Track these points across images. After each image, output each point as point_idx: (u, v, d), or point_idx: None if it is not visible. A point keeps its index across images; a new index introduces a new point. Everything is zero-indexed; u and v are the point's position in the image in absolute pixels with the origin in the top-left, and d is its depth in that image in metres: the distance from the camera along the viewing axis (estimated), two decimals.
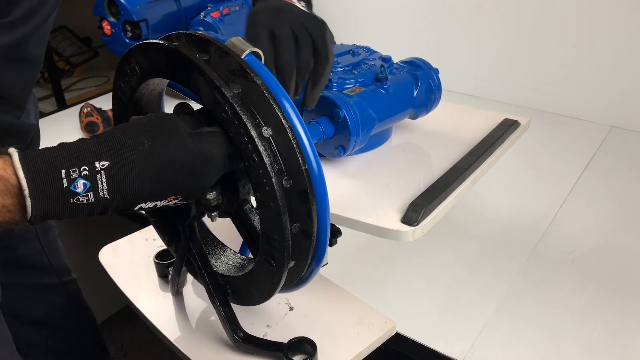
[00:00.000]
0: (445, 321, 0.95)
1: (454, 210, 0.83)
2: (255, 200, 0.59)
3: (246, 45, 0.60)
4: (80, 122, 1.51)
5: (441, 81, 0.97)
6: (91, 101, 1.64)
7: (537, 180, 1.31)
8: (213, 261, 0.73)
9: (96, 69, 2.40)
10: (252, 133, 0.55)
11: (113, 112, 0.69)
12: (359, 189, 0.87)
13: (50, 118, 1.68)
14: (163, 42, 0.59)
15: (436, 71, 0.97)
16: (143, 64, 0.62)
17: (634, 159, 1.36)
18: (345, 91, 0.88)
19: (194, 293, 0.81)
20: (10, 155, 0.49)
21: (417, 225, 0.76)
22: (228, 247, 0.75)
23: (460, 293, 1.01)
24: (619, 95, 1.47)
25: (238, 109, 0.55)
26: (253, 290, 0.67)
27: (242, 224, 0.71)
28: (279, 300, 0.78)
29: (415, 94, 0.94)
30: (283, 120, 0.56)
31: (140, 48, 0.61)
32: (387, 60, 0.97)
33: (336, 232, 0.66)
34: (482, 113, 1.05)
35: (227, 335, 0.71)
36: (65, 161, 0.49)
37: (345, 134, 0.84)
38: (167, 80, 0.64)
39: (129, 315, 0.92)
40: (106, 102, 1.63)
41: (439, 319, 0.96)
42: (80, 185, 0.49)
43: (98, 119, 1.48)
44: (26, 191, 0.48)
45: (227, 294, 0.71)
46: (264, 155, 0.55)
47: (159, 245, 0.85)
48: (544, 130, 1.44)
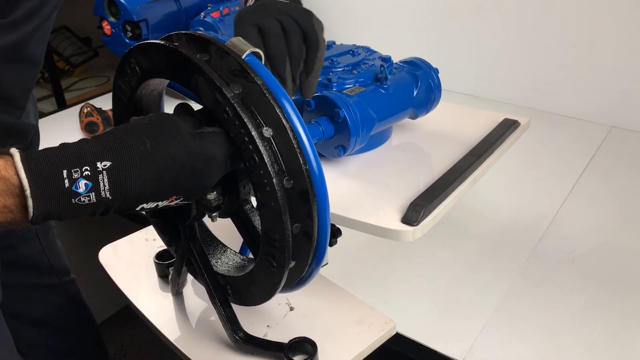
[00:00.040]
0: (445, 321, 0.95)
1: (454, 210, 0.83)
2: (256, 200, 0.59)
3: (247, 46, 0.59)
4: (80, 122, 1.51)
5: (441, 81, 0.97)
6: (91, 101, 1.64)
7: (537, 180, 1.31)
8: (213, 261, 0.73)
9: (96, 69, 2.40)
10: (253, 133, 0.55)
11: (113, 112, 0.69)
12: (359, 189, 0.87)
13: (50, 118, 1.67)
14: (163, 42, 0.59)
15: (436, 71, 0.97)
16: (143, 64, 0.62)
17: (634, 159, 1.36)
18: (345, 91, 0.88)
19: (194, 293, 0.81)
20: (11, 156, 0.49)
21: (417, 225, 0.76)
22: (228, 248, 0.75)
23: (460, 293, 1.01)
24: (619, 95, 1.47)
25: (239, 109, 0.55)
26: (253, 290, 0.67)
27: (243, 224, 0.71)
28: (279, 301, 0.78)
29: (415, 93, 0.94)
30: (284, 120, 0.56)
31: (140, 48, 0.61)
32: (387, 60, 0.97)
33: (336, 232, 0.66)
34: (482, 113, 1.05)
35: (228, 336, 0.71)
36: (66, 161, 0.49)
37: (345, 134, 0.84)
38: (167, 81, 0.64)
39: (129, 315, 0.92)
40: (106, 102, 1.63)
41: (439, 319, 0.96)
42: (82, 185, 0.49)
43: (98, 119, 1.48)
44: (28, 191, 0.48)
45: (228, 294, 0.71)
46: (264, 156, 0.55)
47: (159, 245, 0.85)
48: (544, 130, 1.44)
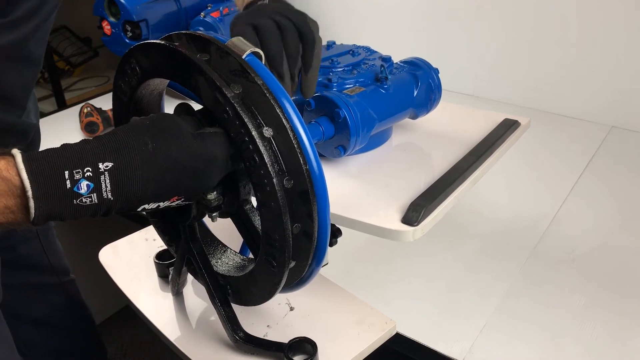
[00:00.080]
0: (445, 321, 0.95)
1: (454, 210, 0.83)
2: (256, 200, 0.59)
3: (247, 46, 0.59)
4: (80, 122, 1.51)
5: (441, 81, 0.97)
6: (91, 101, 1.64)
7: (537, 180, 1.31)
8: (213, 261, 0.73)
9: (96, 69, 2.40)
10: (253, 133, 0.55)
11: (113, 112, 0.69)
12: (359, 189, 0.87)
13: (50, 118, 1.67)
14: (163, 42, 0.59)
15: (436, 71, 0.97)
16: (143, 64, 0.62)
17: (634, 159, 1.36)
18: (345, 91, 0.88)
19: (194, 293, 0.81)
20: (13, 156, 0.49)
21: (417, 225, 0.76)
22: (228, 247, 0.75)
23: (460, 293, 1.01)
24: (619, 95, 1.47)
25: (239, 109, 0.55)
26: (254, 290, 0.67)
27: (243, 224, 0.71)
28: (279, 301, 0.78)
29: (415, 93, 0.94)
30: (284, 120, 0.56)
31: (140, 48, 0.61)
32: (387, 60, 0.97)
33: (336, 232, 0.66)
34: (482, 113, 1.05)
35: (228, 336, 0.71)
36: (68, 162, 0.49)
37: (345, 134, 0.84)
38: (168, 81, 0.64)
39: (129, 315, 0.92)
40: (106, 102, 1.63)
41: (439, 319, 0.96)
42: (84, 186, 0.49)
43: (98, 119, 1.48)
44: (29, 192, 0.47)
45: (228, 294, 0.71)
46: (265, 156, 0.55)
47: (159, 245, 0.85)
48: (544, 130, 1.44)
